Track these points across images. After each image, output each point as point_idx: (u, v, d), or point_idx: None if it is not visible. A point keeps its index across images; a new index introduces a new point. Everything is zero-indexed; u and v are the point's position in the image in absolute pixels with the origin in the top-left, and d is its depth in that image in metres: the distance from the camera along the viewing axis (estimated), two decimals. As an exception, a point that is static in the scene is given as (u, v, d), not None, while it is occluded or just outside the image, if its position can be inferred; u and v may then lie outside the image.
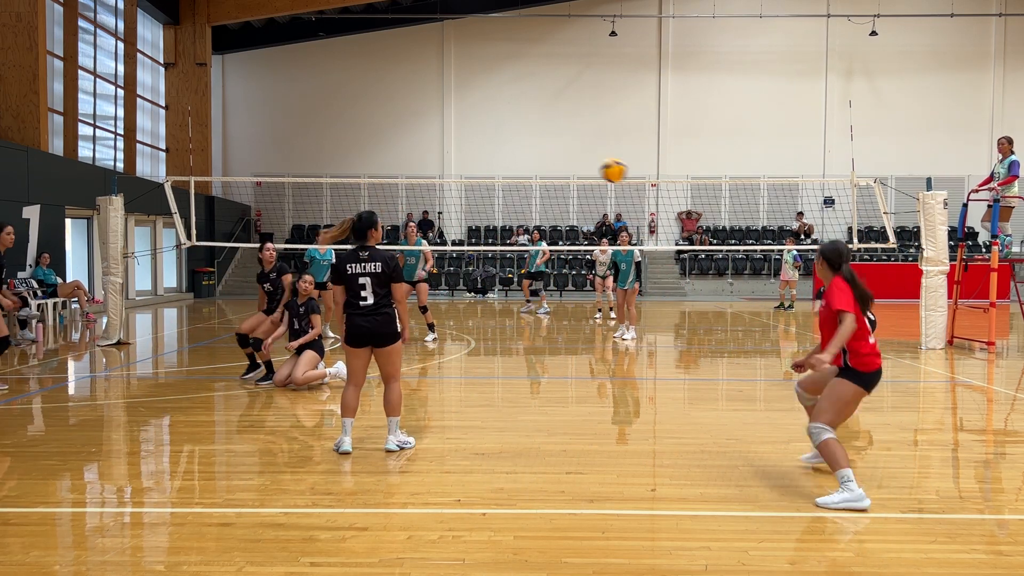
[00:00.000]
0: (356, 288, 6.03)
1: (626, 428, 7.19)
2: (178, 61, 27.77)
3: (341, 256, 6.18)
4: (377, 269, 6.05)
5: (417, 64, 30.40)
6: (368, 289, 6.02)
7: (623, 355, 12.36)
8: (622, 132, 29.98)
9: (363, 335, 6.03)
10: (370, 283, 6.02)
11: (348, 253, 6.13)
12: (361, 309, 6.03)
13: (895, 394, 9.10)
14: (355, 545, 4.24)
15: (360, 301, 6.03)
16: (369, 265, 6.04)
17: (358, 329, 6.03)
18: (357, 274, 6.03)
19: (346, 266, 6.06)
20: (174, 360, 12.02)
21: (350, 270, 6.04)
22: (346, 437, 6.08)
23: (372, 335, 6.02)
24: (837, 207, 29.33)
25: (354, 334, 6.05)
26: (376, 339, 6.04)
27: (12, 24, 18.77)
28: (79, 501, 5.16)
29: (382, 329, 6.02)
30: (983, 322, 12.68)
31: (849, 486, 4.78)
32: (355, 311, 6.04)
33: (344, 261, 6.09)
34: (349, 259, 6.08)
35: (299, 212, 30.47)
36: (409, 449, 6.16)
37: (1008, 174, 11.93)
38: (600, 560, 4.05)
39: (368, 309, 6.02)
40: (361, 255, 6.08)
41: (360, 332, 6.02)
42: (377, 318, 6.02)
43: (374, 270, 6.04)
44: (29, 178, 17.53)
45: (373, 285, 6.02)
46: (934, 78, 29.84)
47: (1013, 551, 4.22)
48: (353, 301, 6.05)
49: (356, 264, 6.05)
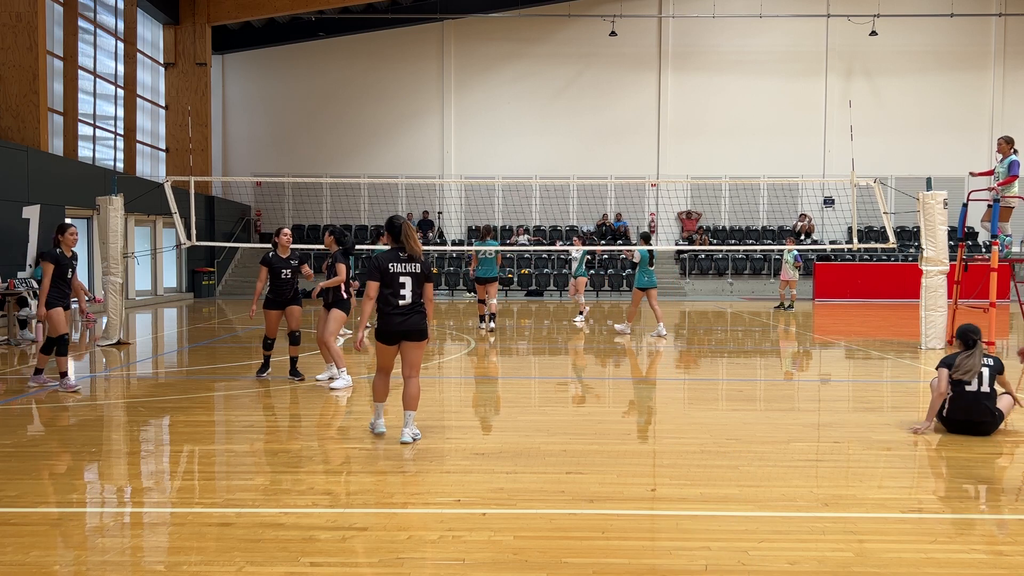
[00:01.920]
0: (396, 287, 6.34)
1: (626, 428, 7.19)
2: (178, 61, 27.78)
3: (381, 256, 6.46)
4: (416, 269, 6.41)
5: (417, 64, 30.41)
6: (408, 288, 6.35)
7: (624, 355, 12.36)
8: (622, 132, 30.00)
9: (399, 332, 6.38)
10: (410, 282, 6.37)
11: (388, 253, 6.45)
12: (400, 308, 6.35)
13: (895, 394, 9.10)
14: (355, 545, 4.24)
15: (399, 300, 6.35)
16: (409, 265, 6.39)
17: (396, 326, 6.37)
18: (398, 273, 6.36)
19: (387, 265, 6.35)
20: (174, 360, 12.02)
21: (392, 269, 6.35)
22: (379, 419, 6.64)
23: (407, 332, 6.39)
24: (837, 207, 29.34)
25: (390, 331, 6.39)
26: (410, 335, 6.42)
27: (12, 24, 18.77)
28: (79, 501, 5.16)
29: (417, 326, 6.42)
30: (983, 322, 12.66)
31: None
32: (392, 309, 6.35)
33: (385, 260, 6.37)
34: (390, 259, 6.39)
35: (299, 212, 30.47)
36: (419, 440, 6.44)
37: (1008, 174, 11.93)
38: (600, 560, 4.05)
39: (406, 308, 6.37)
40: (401, 255, 6.40)
41: (396, 328, 6.37)
42: (414, 316, 6.40)
43: (414, 270, 6.40)
44: (29, 178, 17.53)
45: (412, 284, 6.38)
46: (934, 78, 29.84)
47: (1013, 551, 4.22)
48: (392, 299, 6.34)
49: (397, 264, 6.38)
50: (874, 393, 9.17)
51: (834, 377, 10.59)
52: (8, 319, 13.83)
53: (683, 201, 29.68)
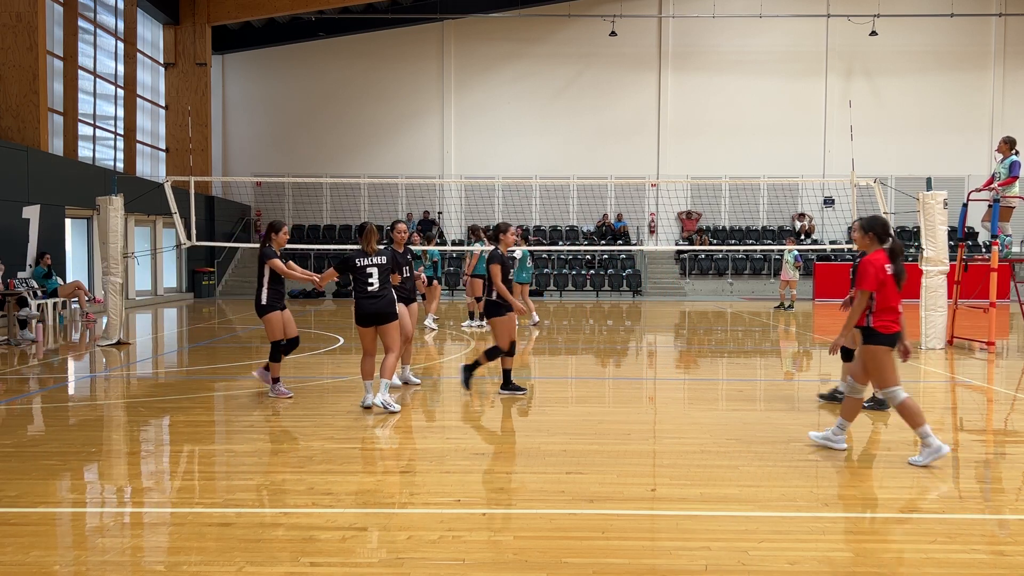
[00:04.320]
0: (364, 277, 7.56)
1: (626, 428, 7.18)
2: (178, 61, 27.78)
3: (348, 254, 7.73)
4: (383, 262, 7.64)
5: (417, 64, 30.41)
6: (375, 277, 7.56)
7: (622, 355, 12.35)
8: (622, 132, 30.01)
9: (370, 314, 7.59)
10: (376, 272, 7.58)
11: (357, 251, 7.68)
12: (368, 293, 7.56)
13: (895, 394, 9.08)
14: (355, 545, 4.24)
15: (369, 287, 7.55)
16: (376, 258, 7.65)
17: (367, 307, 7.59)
18: (365, 266, 7.59)
19: (355, 260, 7.60)
20: (174, 360, 12.02)
21: (359, 263, 7.59)
22: (368, 394, 7.65)
23: (377, 314, 7.59)
24: (837, 207, 29.34)
25: (363, 313, 7.60)
26: (380, 317, 7.60)
27: (12, 24, 18.78)
28: (79, 501, 5.17)
29: (386, 309, 7.60)
30: (983, 322, 12.69)
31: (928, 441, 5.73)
32: (364, 295, 7.56)
33: (353, 256, 7.63)
34: (358, 254, 7.63)
35: (299, 212, 30.48)
36: (393, 413, 7.41)
37: (1008, 175, 11.93)
38: (600, 560, 4.05)
39: (375, 293, 7.57)
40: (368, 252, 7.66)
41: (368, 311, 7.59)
42: (382, 300, 7.60)
43: (380, 262, 7.64)
44: (29, 178, 17.53)
45: (379, 274, 7.59)
46: (934, 78, 29.85)
47: (1013, 551, 4.22)
48: (363, 287, 7.55)
49: (364, 259, 7.62)
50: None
51: (834, 377, 10.59)
52: (8, 319, 13.83)
53: (683, 201, 29.69)
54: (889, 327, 5.87)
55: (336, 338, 14.03)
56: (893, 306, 5.86)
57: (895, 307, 5.87)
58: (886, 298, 5.85)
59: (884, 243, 6.04)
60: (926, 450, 5.75)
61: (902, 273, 5.89)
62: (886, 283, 5.85)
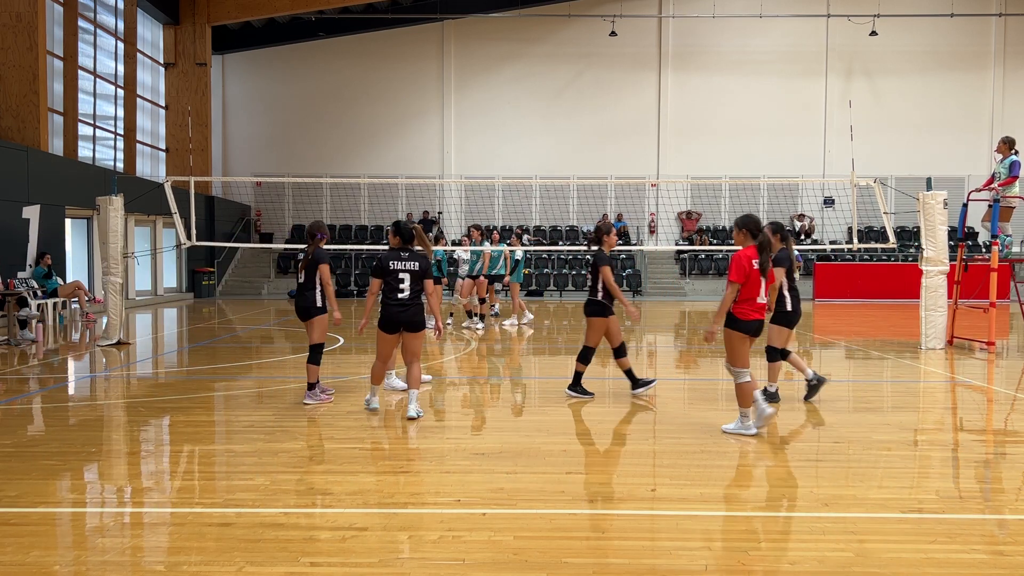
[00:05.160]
0: (396, 282, 7.22)
1: (626, 428, 7.18)
2: (178, 61, 27.78)
3: (382, 255, 7.33)
4: (415, 267, 7.26)
5: (417, 64, 30.41)
6: (407, 283, 7.22)
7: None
8: (622, 132, 30.01)
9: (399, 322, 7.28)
10: (408, 279, 7.23)
11: (390, 252, 7.33)
12: (398, 300, 7.23)
13: (895, 394, 9.10)
14: (355, 545, 4.24)
15: (399, 294, 7.22)
16: (409, 264, 7.26)
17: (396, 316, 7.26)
18: (397, 270, 7.23)
19: (388, 263, 7.24)
20: (174, 360, 12.01)
21: (392, 266, 7.23)
22: (375, 398, 7.62)
23: (407, 322, 7.28)
24: (837, 207, 29.34)
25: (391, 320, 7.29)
26: (409, 325, 7.30)
27: (12, 24, 18.78)
28: (79, 501, 5.16)
29: (415, 317, 7.29)
30: (983, 322, 12.69)
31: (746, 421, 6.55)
32: (393, 301, 7.23)
33: (386, 259, 7.26)
34: (391, 257, 7.27)
35: (299, 212, 30.47)
36: (422, 416, 7.28)
37: (1008, 174, 11.93)
38: (600, 560, 4.05)
39: (404, 300, 7.23)
40: (403, 255, 7.29)
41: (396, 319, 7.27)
42: (411, 308, 7.26)
43: (412, 268, 7.26)
44: (29, 178, 17.53)
45: (410, 281, 7.23)
46: (934, 78, 29.85)
47: (1013, 551, 4.22)
48: (392, 293, 7.23)
49: (397, 262, 7.25)
50: (874, 393, 9.18)
51: (834, 377, 10.59)
52: (8, 319, 13.82)
53: (683, 201, 29.69)
54: (748, 315, 6.49)
55: (336, 338, 14.03)
56: (754, 296, 6.49)
57: (755, 298, 6.49)
58: (750, 289, 6.47)
59: (756, 239, 6.56)
60: (741, 424, 6.63)
61: (766, 266, 6.50)
62: (751, 276, 6.44)
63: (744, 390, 6.57)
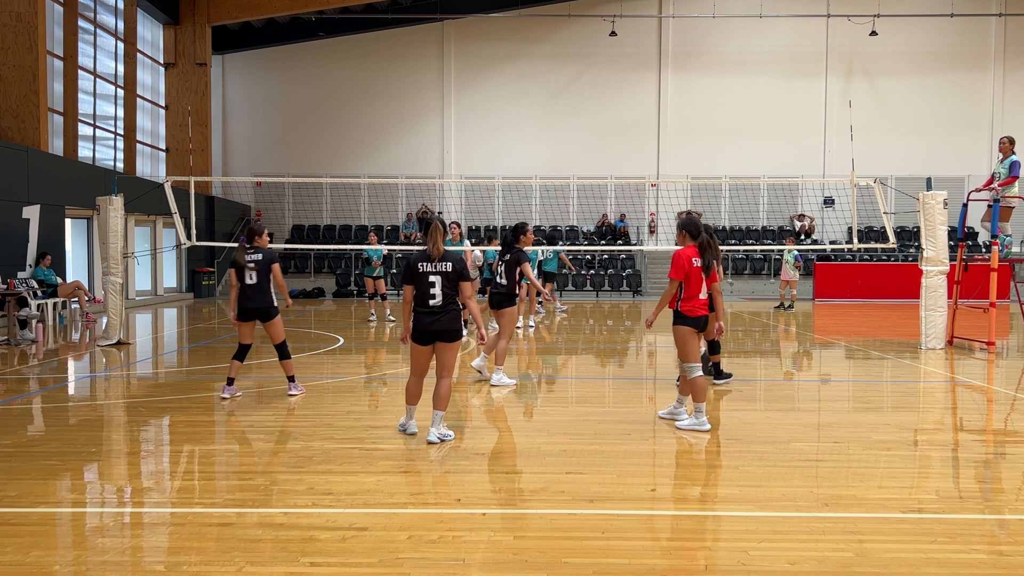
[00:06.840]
0: (426, 287, 6.35)
1: (626, 428, 7.18)
2: (178, 61, 27.78)
3: (412, 256, 6.50)
4: (447, 269, 6.34)
5: (417, 64, 30.41)
6: (437, 288, 6.34)
7: (623, 355, 12.35)
8: (622, 132, 30.01)
9: (431, 332, 6.38)
10: (439, 282, 6.34)
11: (419, 253, 6.45)
12: (431, 308, 6.35)
13: (895, 394, 9.10)
14: (355, 545, 4.24)
15: (430, 300, 6.34)
16: (440, 265, 6.35)
17: (427, 326, 6.36)
18: (427, 272, 6.35)
19: (417, 265, 6.36)
20: (174, 360, 12.01)
21: (421, 269, 6.36)
22: (411, 420, 6.63)
23: (440, 332, 6.37)
24: (837, 207, 29.34)
25: (422, 330, 6.38)
26: (442, 335, 6.39)
27: (12, 24, 18.78)
28: (79, 501, 5.16)
29: (450, 326, 6.37)
30: (983, 322, 12.69)
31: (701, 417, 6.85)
32: (424, 309, 6.36)
33: (415, 260, 6.39)
34: (420, 259, 6.39)
35: (299, 212, 30.47)
36: (449, 441, 6.40)
37: (1009, 174, 11.93)
38: (600, 560, 4.05)
39: (437, 308, 6.35)
40: (432, 255, 6.39)
41: (428, 328, 6.37)
42: (445, 316, 6.36)
43: (444, 270, 6.34)
44: (29, 178, 17.53)
45: (442, 284, 6.35)
46: (934, 78, 29.85)
47: (1013, 551, 4.22)
48: (423, 299, 6.36)
49: (427, 264, 6.36)
50: (874, 393, 9.17)
51: (834, 377, 10.59)
52: (8, 319, 13.83)
53: (683, 201, 29.68)
54: (694, 311, 6.91)
55: (336, 338, 14.03)
56: (696, 294, 6.90)
57: (697, 295, 6.90)
58: (692, 287, 6.89)
59: (696, 240, 7.01)
60: (696, 420, 6.87)
61: (709, 266, 6.91)
62: (692, 274, 6.89)
63: (697, 384, 6.88)
